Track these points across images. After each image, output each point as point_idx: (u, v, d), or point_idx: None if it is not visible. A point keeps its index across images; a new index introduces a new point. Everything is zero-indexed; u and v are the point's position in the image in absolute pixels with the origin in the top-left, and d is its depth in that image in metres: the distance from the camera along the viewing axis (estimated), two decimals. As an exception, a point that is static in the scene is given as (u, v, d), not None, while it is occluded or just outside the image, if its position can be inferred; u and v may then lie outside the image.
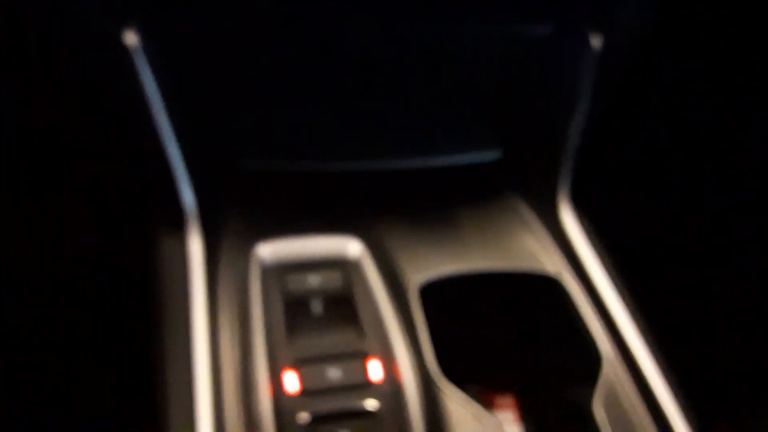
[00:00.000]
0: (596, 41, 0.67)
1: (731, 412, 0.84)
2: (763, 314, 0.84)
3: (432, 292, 0.68)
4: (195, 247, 0.66)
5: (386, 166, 0.75)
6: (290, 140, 0.71)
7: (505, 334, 0.82)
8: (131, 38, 0.57)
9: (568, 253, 0.74)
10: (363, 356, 0.62)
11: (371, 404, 0.60)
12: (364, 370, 0.61)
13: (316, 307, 0.66)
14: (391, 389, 0.61)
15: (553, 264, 0.74)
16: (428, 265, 0.70)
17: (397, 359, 0.62)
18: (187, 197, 0.66)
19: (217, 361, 0.60)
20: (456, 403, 0.61)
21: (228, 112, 0.68)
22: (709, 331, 0.88)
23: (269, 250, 0.69)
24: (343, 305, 0.66)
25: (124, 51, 0.57)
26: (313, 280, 0.68)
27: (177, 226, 0.67)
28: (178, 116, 0.63)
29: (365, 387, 0.61)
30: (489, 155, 0.78)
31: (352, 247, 0.71)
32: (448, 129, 0.75)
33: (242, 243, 0.69)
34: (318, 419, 0.59)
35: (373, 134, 0.73)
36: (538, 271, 0.73)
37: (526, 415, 0.79)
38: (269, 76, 0.66)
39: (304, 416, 0.58)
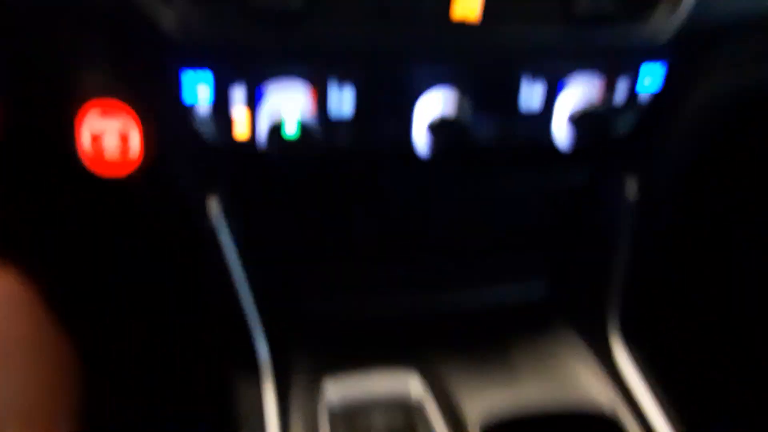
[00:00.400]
0: (632, 188, 0.72)
1: None
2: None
3: (492, 428, 0.72)
4: (269, 393, 0.72)
5: (443, 306, 0.80)
6: (351, 284, 0.78)
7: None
8: (214, 206, 0.64)
9: (621, 386, 0.77)
10: None
11: None
12: None
13: None
14: None
15: (607, 398, 0.76)
16: (487, 403, 0.73)
17: None
18: (262, 349, 0.73)
19: None
20: None
21: (297, 265, 0.75)
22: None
23: (335, 391, 0.74)
24: None
25: (206, 217, 0.64)
26: (378, 420, 0.72)
27: (252, 374, 0.73)
28: (254, 276, 0.69)
29: None
30: (538, 290, 0.83)
31: (412, 385, 0.75)
32: (498, 266, 0.81)
33: (311, 383, 0.74)
34: None
35: (430, 277, 0.80)
36: (594, 408, 0.75)
37: None
38: (337, 232, 0.73)
39: None
